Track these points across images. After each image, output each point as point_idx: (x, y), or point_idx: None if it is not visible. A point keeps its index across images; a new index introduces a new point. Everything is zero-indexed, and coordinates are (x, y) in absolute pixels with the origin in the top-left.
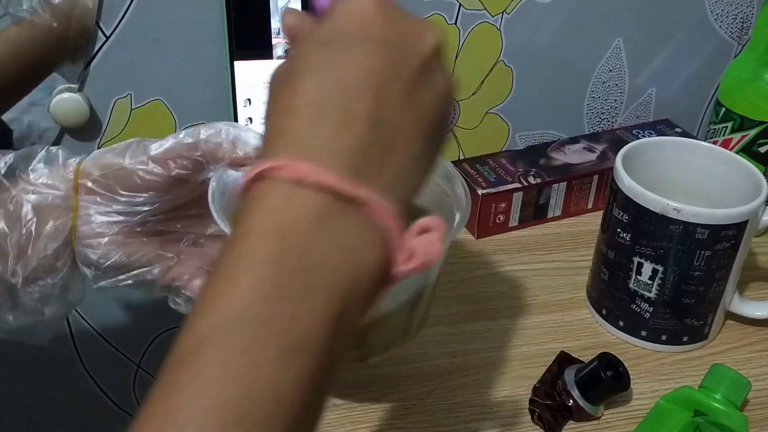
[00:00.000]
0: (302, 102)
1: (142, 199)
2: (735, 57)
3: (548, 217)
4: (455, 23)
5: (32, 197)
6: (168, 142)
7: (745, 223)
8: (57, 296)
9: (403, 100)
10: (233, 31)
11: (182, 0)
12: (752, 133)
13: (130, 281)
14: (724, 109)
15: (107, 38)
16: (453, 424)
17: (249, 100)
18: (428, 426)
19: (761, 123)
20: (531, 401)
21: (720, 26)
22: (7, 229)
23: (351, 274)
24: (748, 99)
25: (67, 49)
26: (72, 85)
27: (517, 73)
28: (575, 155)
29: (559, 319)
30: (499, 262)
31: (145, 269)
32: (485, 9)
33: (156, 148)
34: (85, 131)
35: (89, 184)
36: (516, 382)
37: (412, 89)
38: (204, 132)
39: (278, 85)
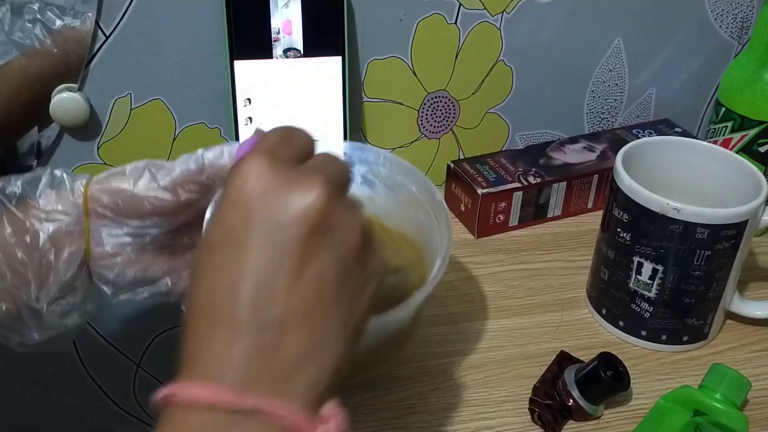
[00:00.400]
0: (196, 317)
1: (152, 222)
2: (735, 57)
3: (548, 216)
4: (455, 23)
5: (47, 226)
6: (175, 170)
7: (745, 222)
8: (77, 309)
9: (293, 285)
10: (233, 31)
11: (182, 0)
12: (752, 132)
13: (146, 294)
14: (724, 108)
15: (107, 38)
16: (453, 424)
17: (249, 99)
18: (428, 426)
19: (761, 123)
20: (531, 401)
21: (720, 26)
22: (26, 259)
23: None
24: (747, 99)
25: (67, 74)
26: (72, 85)
27: (517, 72)
28: (575, 155)
29: (559, 318)
30: (498, 262)
31: (159, 282)
32: (485, 9)
33: (164, 176)
34: (85, 131)
35: (99, 209)
36: (516, 382)
37: (298, 268)
38: (208, 156)
39: (188, 296)
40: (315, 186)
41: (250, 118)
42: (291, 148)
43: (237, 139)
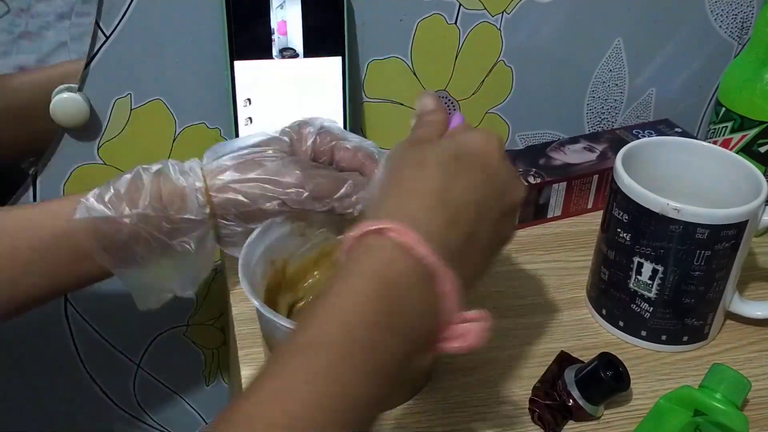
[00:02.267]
0: (425, 191)
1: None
2: (735, 57)
3: (548, 217)
4: (455, 23)
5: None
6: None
7: (745, 223)
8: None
9: (491, 226)
10: (233, 31)
11: (182, 0)
12: (752, 133)
13: None
14: (724, 109)
15: (107, 38)
16: (453, 424)
17: (249, 100)
18: (428, 426)
19: (761, 123)
20: (531, 401)
21: (720, 26)
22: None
23: (419, 332)
24: (748, 99)
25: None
26: (72, 85)
27: (517, 73)
28: (575, 155)
29: (559, 319)
30: (499, 262)
31: None
32: (485, 9)
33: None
34: (85, 131)
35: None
36: (516, 382)
37: (497, 222)
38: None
39: (408, 165)
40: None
41: (250, 118)
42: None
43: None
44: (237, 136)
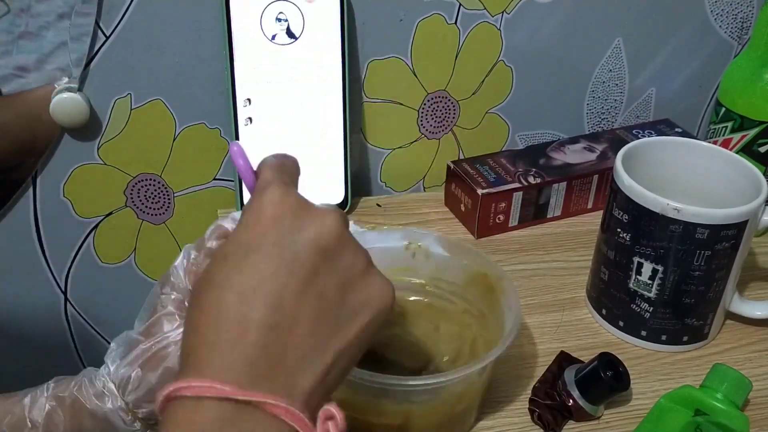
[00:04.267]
0: (203, 320)
1: None
2: (735, 57)
3: (548, 217)
4: (455, 23)
5: None
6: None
7: (745, 223)
8: None
9: (299, 295)
10: (233, 31)
11: (182, 0)
12: (752, 132)
13: None
14: (724, 109)
15: (107, 38)
16: None
17: (249, 100)
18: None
19: (761, 123)
20: (531, 401)
21: (720, 26)
22: None
23: None
24: (748, 99)
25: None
26: (72, 85)
27: (517, 73)
28: (575, 155)
29: (559, 319)
30: (499, 262)
31: None
32: (485, 9)
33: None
34: (85, 131)
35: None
36: (516, 382)
37: (308, 281)
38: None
39: (191, 302)
40: (332, 212)
41: (250, 119)
42: (292, 176)
43: (237, 139)
44: (237, 135)
